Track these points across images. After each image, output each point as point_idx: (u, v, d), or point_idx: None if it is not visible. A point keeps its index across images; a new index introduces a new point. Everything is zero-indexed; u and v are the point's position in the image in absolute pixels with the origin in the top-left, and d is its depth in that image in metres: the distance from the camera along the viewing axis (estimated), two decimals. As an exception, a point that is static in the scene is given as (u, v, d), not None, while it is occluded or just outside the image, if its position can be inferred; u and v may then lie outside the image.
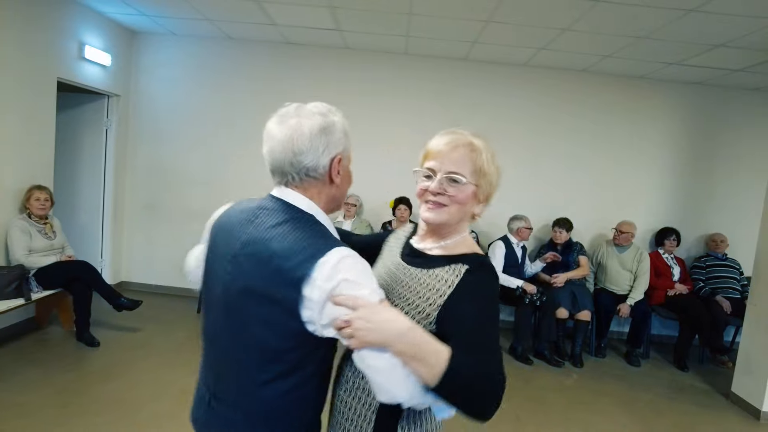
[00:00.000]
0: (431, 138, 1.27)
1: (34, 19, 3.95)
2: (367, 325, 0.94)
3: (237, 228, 1.12)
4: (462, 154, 1.20)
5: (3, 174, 3.79)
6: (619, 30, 3.95)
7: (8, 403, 2.97)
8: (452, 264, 1.12)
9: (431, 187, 1.16)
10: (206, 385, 1.18)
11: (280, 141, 1.10)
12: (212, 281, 1.15)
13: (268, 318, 1.03)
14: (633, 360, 4.59)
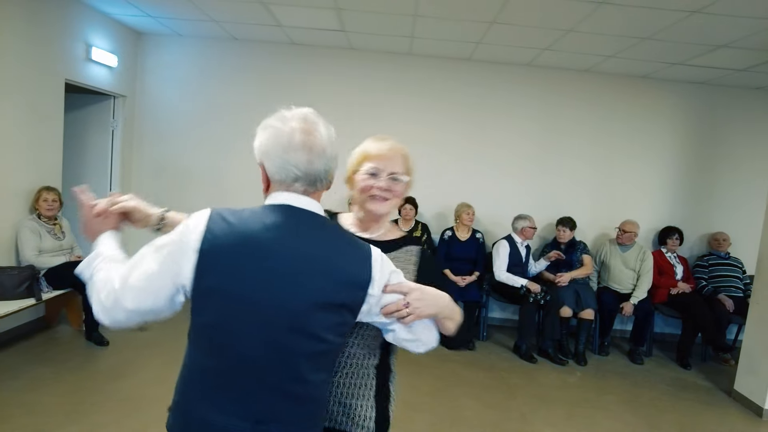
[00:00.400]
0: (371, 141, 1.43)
1: (42, 21, 3.99)
2: (423, 302, 1.15)
3: (277, 245, 1.07)
4: (401, 157, 1.42)
5: (13, 175, 3.84)
6: (623, 31, 3.97)
7: (20, 402, 3.01)
8: (406, 246, 1.40)
9: (379, 184, 1.34)
10: (243, 417, 1.06)
11: (322, 149, 1.14)
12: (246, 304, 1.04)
13: (334, 322, 1.09)
14: (636, 358, 4.63)
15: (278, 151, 1.12)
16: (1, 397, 3.04)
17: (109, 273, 1.10)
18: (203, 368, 1.09)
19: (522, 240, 4.82)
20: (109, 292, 1.06)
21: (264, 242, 1.06)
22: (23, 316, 3.97)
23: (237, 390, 1.05)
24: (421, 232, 4.97)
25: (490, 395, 3.70)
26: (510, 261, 4.70)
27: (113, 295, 1.05)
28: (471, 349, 4.58)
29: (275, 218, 1.09)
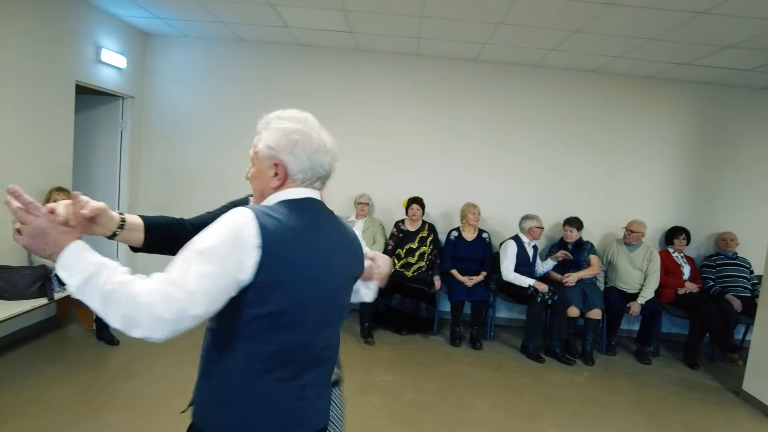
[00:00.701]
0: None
1: (53, 24, 4.03)
2: (384, 263, 1.51)
3: (334, 230, 1.27)
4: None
5: (25, 176, 3.87)
6: (629, 32, 3.98)
7: (35, 400, 3.05)
8: None
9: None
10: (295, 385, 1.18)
11: (334, 150, 1.28)
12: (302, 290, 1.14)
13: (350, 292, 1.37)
14: (643, 358, 4.63)
15: (307, 153, 1.22)
16: (15, 395, 3.08)
17: (150, 284, 1.01)
18: (260, 356, 1.14)
19: (529, 240, 4.83)
20: (169, 304, 0.99)
21: (309, 232, 1.18)
22: (35, 316, 4.01)
23: (292, 364, 1.18)
24: (428, 232, 4.98)
25: (497, 394, 3.71)
26: (517, 261, 4.72)
27: (176, 305, 1.00)
28: (478, 349, 4.59)
29: (310, 211, 1.21)
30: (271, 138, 1.24)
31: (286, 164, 1.21)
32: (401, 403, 3.44)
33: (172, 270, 1.04)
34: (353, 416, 3.13)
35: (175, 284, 1.01)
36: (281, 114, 1.29)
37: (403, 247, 4.91)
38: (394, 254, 4.93)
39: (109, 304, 1.00)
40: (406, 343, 4.62)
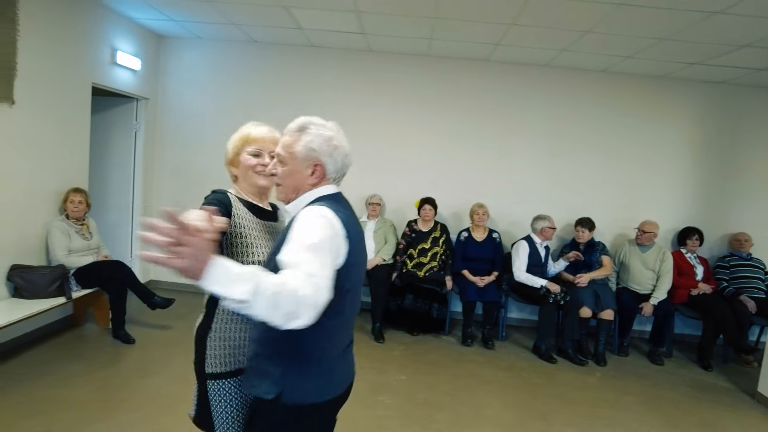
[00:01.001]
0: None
1: (70, 27, 4.09)
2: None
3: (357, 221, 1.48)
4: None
5: (43, 177, 3.93)
6: (642, 32, 3.97)
7: (54, 398, 3.10)
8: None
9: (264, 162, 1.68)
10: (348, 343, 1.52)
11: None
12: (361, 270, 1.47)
13: None
14: (656, 359, 4.62)
15: (341, 156, 1.45)
16: (35, 393, 3.13)
17: (299, 279, 1.11)
18: (337, 326, 1.40)
19: (541, 240, 4.83)
20: (318, 293, 1.12)
21: (355, 221, 1.43)
22: (53, 315, 4.07)
23: (347, 329, 1.48)
24: (440, 232, 4.99)
25: (510, 395, 3.72)
26: (529, 261, 4.72)
27: (322, 293, 1.14)
28: (490, 349, 4.60)
29: (346, 204, 1.46)
30: (313, 142, 1.42)
31: (325, 165, 1.43)
32: (414, 402, 3.46)
33: (300, 265, 1.16)
34: (366, 415, 3.17)
35: (315, 276, 1.14)
36: (314, 120, 1.46)
37: (416, 247, 4.92)
38: (406, 254, 4.95)
39: (276, 306, 1.06)
40: (417, 343, 4.64)
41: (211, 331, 1.55)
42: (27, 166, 3.77)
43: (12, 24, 3.50)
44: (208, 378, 1.54)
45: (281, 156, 1.46)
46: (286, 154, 1.44)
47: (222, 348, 1.54)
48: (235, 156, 1.67)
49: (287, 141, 1.45)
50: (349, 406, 1.59)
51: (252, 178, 1.65)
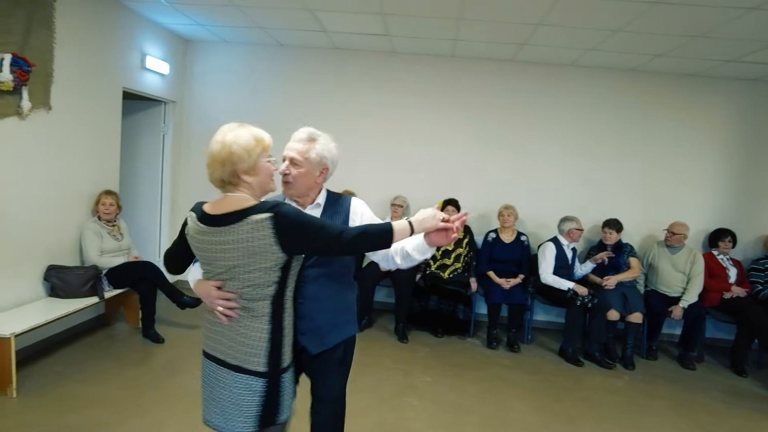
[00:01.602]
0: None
1: (102, 33, 4.19)
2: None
3: None
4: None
5: (77, 180, 4.04)
6: (674, 30, 3.89)
7: (87, 395, 3.18)
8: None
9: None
10: None
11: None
12: None
13: None
14: (687, 363, 4.52)
15: (337, 163, 1.94)
16: (70, 389, 3.23)
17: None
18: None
19: (568, 242, 4.77)
20: None
21: None
22: (86, 314, 4.18)
23: None
24: (463, 233, 4.97)
25: (536, 398, 3.69)
26: (556, 263, 4.66)
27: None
28: (516, 352, 4.56)
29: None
30: (324, 150, 1.86)
31: (330, 169, 1.92)
32: (441, 405, 3.45)
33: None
34: (393, 417, 3.17)
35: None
36: (321, 133, 1.89)
37: (439, 248, 4.91)
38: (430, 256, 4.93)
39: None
40: (442, 344, 4.63)
41: (284, 331, 1.67)
42: (63, 169, 3.88)
43: (49, 32, 3.60)
44: (282, 372, 1.68)
45: (297, 160, 1.82)
46: (301, 159, 1.82)
47: (288, 345, 1.72)
48: (254, 164, 1.61)
49: (301, 148, 1.83)
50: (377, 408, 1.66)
51: (269, 184, 1.70)
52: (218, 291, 1.62)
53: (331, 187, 2.04)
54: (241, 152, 1.56)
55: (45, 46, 3.57)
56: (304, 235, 1.54)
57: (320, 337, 1.89)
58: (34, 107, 3.48)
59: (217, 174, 1.59)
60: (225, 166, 1.57)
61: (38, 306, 3.56)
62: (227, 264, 1.57)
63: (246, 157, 1.57)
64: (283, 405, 1.70)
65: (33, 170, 3.59)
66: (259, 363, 1.62)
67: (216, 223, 1.56)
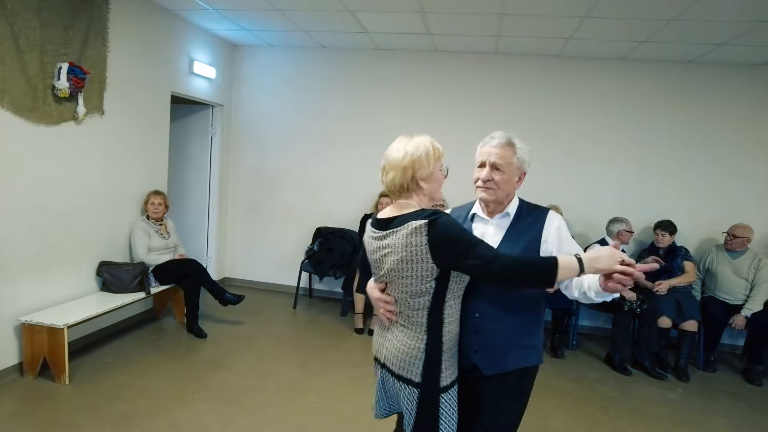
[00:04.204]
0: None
1: (153, 41, 4.38)
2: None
3: None
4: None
5: (129, 181, 4.25)
6: (738, 15, 3.59)
7: (133, 385, 3.33)
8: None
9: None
10: None
11: None
12: None
13: None
14: (752, 378, 4.17)
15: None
16: (120, 380, 3.39)
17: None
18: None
19: (617, 244, 4.53)
20: None
21: None
22: (135, 308, 4.39)
23: None
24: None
25: (580, 407, 3.52)
26: (603, 267, 4.44)
27: None
28: (560, 358, 4.39)
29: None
30: (524, 155, 1.77)
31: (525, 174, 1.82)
32: (477, 409, 3.36)
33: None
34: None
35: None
36: (510, 134, 1.78)
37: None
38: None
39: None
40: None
41: (443, 345, 1.62)
42: (115, 170, 4.08)
43: (103, 42, 3.80)
44: (442, 392, 1.63)
45: (500, 165, 1.72)
46: (505, 164, 1.73)
47: (452, 360, 1.67)
48: (431, 171, 1.63)
49: (503, 152, 1.73)
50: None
51: (438, 192, 1.70)
52: (380, 293, 1.69)
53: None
54: (423, 159, 1.60)
55: (99, 55, 3.77)
56: (455, 249, 1.50)
57: (495, 357, 1.71)
58: (88, 112, 3.69)
59: (398, 180, 1.61)
60: (406, 172, 1.60)
61: (91, 300, 3.76)
62: (387, 267, 1.61)
63: (426, 164, 1.61)
64: (441, 425, 1.63)
65: (88, 172, 3.80)
66: (415, 373, 1.61)
67: (383, 226, 1.63)
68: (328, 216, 5.58)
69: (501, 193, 1.75)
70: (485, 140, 1.79)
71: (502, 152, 1.73)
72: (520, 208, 1.82)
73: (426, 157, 1.61)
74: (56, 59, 3.38)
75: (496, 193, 1.74)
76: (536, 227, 1.74)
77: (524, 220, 1.78)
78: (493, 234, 1.77)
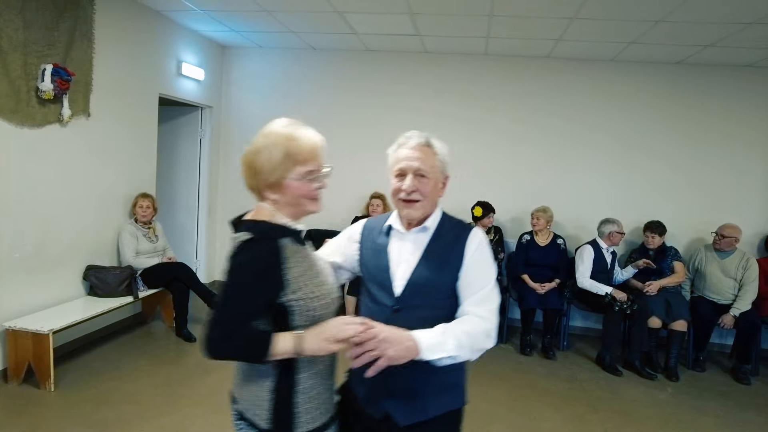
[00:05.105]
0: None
1: (140, 43, 4.34)
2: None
3: None
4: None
5: (116, 183, 4.20)
6: (725, 17, 3.62)
7: (121, 391, 3.29)
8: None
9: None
10: None
11: None
12: None
13: None
14: (741, 377, 4.19)
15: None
16: (107, 386, 3.35)
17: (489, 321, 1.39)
18: None
19: (608, 246, 4.55)
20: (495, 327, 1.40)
21: None
22: (123, 312, 4.34)
23: None
24: (494, 234, 4.86)
25: (570, 408, 3.52)
26: (594, 267, 4.45)
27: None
28: (551, 359, 4.39)
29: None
30: (445, 155, 1.50)
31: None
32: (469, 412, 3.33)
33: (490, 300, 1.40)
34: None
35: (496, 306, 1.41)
36: (425, 133, 1.49)
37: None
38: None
39: (473, 350, 1.34)
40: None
41: (298, 386, 1.29)
42: (102, 173, 4.04)
43: (89, 43, 3.76)
44: None
45: (424, 171, 1.43)
46: (429, 169, 1.44)
47: (314, 401, 1.32)
48: (281, 179, 1.28)
49: (425, 156, 1.44)
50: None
51: (306, 206, 1.35)
52: None
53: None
54: (265, 162, 1.26)
55: (85, 57, 3.73)
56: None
57: (412, 402, 1.41)
58: (74, 114, 3.65)
59: (246, 181, 1.32)
60: (249, 173, 1.30)
61: (77, 304, 3.72)
62: None
63: (269, 170, 1.26)
64: None
65: (73, 174, 3.76)
66: (261, 417, 1.29)
67: (235, 227, 1.33)
68: (318, 218, 5.51)
69: (428, 205, 1.45)
70: (399, 141, 1.49)
71: (423, 155, 1.43)
72: (441, 222, 1.50)
73: (269, 160, 1.24)
74: (40, 60, 3.34)
75: (423, 206, 1.44)
76: (457, 248, 1.43)
77: (445, 237, 1.47)
78: (411, 252, 1.45)
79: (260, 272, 1.21)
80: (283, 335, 1.20)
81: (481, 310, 1.36)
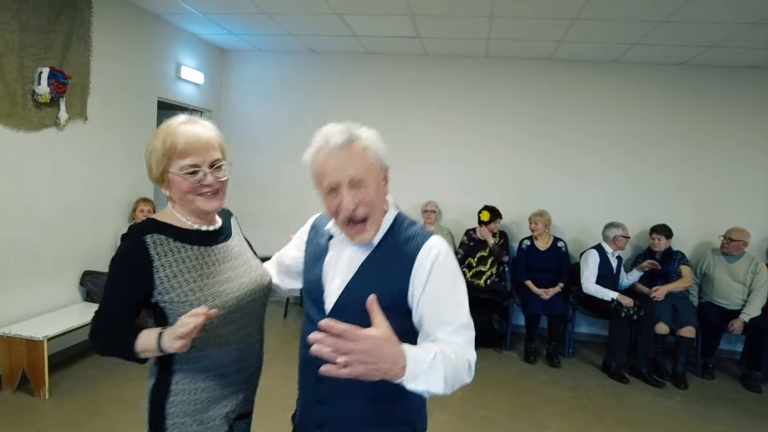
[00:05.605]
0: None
1: (138, 46, 4.31)
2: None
3: None
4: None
5: (114, 188, 4.16)
6: (728, 17, 3.56)
7: (116, 399, 3.22)
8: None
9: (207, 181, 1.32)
10: None
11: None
12: None
13: None
14: (751, 384, 4.09)
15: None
16: (102, 393, 3.28)
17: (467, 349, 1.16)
18: None
19: (613, 250, 4.47)
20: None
21: None
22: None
23: None
24: (499, 238, 4.79)
25: (575, 416, 3.44)
26: (599, 272, 4.37)
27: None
28: (555, 366, 4.30)
29: None
30: (377, 146, 1.21)
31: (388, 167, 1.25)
32: (469, 420, 3.28)
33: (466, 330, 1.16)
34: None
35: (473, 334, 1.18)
36: (349, 124, 1.24)
37: (475, 255, 4.73)
38: (465, 263, 4.76)
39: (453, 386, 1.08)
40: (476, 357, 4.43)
41: (170, 395, 1.23)
42: (99, 177, 3.99)
43: (86, 46, 3.73)
44: None
45: (360, 179, 1.16)
46: (364, 173, 1.16)
47: (187, 414, 1.25)
48: (162, 173, 1.27)
49: (355, 159, 1.17)
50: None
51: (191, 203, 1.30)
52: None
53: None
54: (148, 154, 1.27)
55: (82, 60, 3.69)
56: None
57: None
58: (71, 118, 3.61)
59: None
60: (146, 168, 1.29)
61: (73, 310, 3.67)
62: None
63: (151, 165, 1.27)
64: None
65: (70, 178, 3.71)
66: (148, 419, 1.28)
67: None
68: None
69: (378, 215, 1.21)
70: (319, 145, 1.22)
71: (353, 157, 1.17)
72: (391, 229, 1.24)
73: (153, 153, 1.25)
74: (36, 63, 3.30)
75: (375, 221, 1.20)
76: (404, 263, 1.17)
77: (392, 247, 1.21)
78: (347, 265, 1.23)
79: (123, 269, 1.22)
80: (149, 332, 1.17)
81: (460, 339, 1.13)
